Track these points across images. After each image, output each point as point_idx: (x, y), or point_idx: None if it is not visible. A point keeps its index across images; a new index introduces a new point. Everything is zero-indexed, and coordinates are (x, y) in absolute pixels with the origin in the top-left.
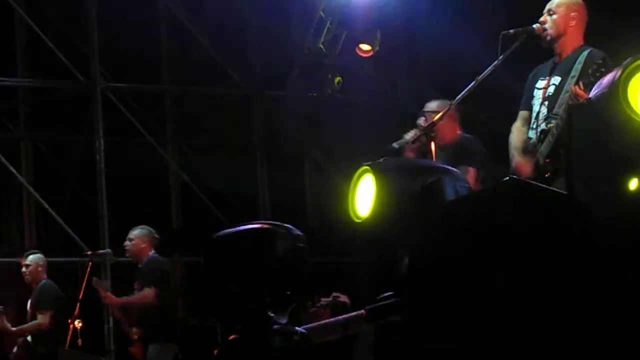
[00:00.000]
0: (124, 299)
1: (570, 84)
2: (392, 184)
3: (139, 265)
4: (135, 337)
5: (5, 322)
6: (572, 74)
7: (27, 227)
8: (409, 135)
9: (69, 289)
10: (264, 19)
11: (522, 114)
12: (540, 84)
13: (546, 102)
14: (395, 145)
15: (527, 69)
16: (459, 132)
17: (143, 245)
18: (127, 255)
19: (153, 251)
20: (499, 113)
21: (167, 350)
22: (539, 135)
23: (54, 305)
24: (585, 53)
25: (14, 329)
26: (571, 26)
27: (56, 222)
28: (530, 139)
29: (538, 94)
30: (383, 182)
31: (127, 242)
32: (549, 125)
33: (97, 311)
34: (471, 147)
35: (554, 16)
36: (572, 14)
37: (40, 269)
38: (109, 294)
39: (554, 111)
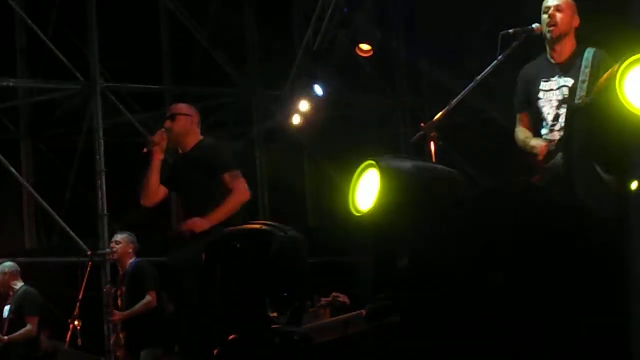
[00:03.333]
0: (129, 312)
1: (582, 88)
2: (398, 179)
3: (122, 271)
4: (122, 342)
5: None
6: (582, 78)
7: (27, 227)
8: None
9: (69, 289)
10: (264, 19)
11: (521, 116)
12: (545, 85)
13: (565, 105)
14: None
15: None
16: (201, 137)
17: (129, 250)
18: (113, 257)
19: (135, 257)
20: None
21: (157, 355)
22: (558, 142)
23: (39, 312)
24: (590, 55)
25: (5, 338)
26: (573, 27)
27: (56, 222)
28: (551, 141)
29: (548, 96)
30: (388, 176)
31: (114, 245)
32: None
33: (97, 311)
34: (223, 152)
35: (562, 14)
36: (576, 15)
37: (12, 276)
38: (116, 312)
39: None
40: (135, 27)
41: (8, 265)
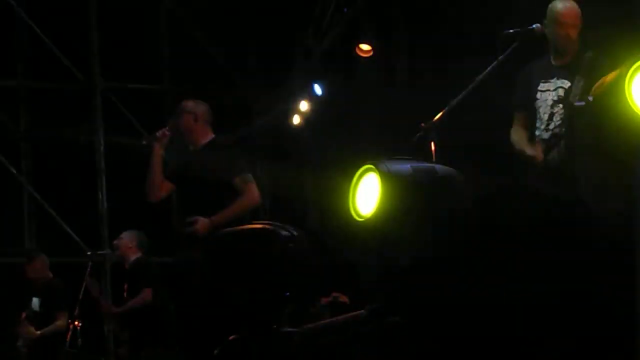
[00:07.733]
0: (124, 306)
1: (577, 87)
2: (398, 183)
3: (126, 267)
4: (124, 339)
5: (30, 327)
6: (578, 78)
7: (27, 227)
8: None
9: (69, 289)
10: (264, 19)
11: (518, 116)
12: (543, 86)
13: (560, 105)
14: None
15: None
16: (212, 135)
17: (131, 246)
18: (116, 253)
19: (140, 254)
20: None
21: (158, 353)
22: (551, 139)
23: (66, 307)
24: (589, 56)
25: (38, 332)
26: (578, 33)
27: (56, 222)
28: (545, 140)
29: (544, 96)
30: (389, 181)
31: (116, 242)
32: (563, 130)
33: (97, 311)
34: (237, 154)
35: (575, 30)
36: (580, 23)
37: (45, 267)
38: (109, 303)
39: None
40: (135, 27)
41: (43, 255)
